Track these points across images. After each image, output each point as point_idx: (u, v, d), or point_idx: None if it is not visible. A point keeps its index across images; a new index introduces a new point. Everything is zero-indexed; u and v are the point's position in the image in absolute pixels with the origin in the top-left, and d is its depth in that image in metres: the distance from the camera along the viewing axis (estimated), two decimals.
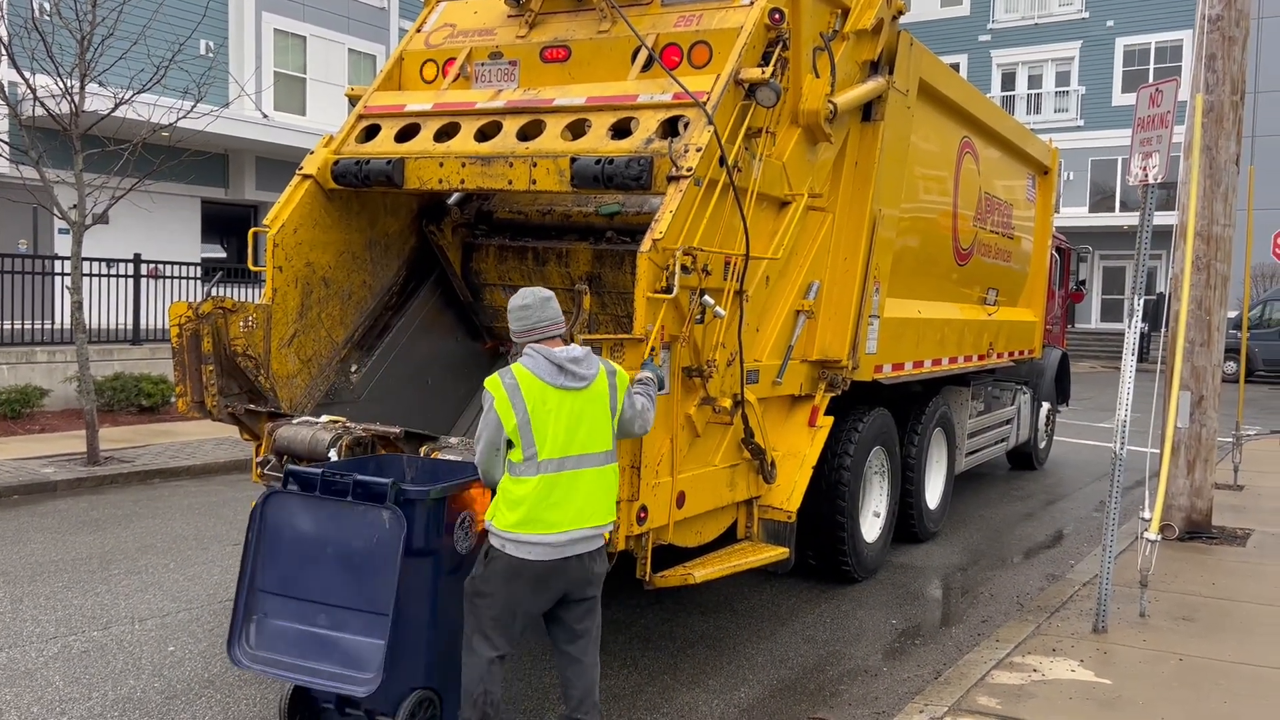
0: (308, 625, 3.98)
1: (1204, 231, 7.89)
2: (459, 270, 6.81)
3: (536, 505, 3.79)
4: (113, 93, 10.06)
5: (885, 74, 6.52)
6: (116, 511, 8.38)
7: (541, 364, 3.87)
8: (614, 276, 6.28)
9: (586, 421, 3.90)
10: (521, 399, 3.81)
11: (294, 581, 4.02)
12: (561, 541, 3.83)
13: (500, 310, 6.91)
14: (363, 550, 3.96)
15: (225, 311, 5.55)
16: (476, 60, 6.18)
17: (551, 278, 6.51)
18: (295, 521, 4.06)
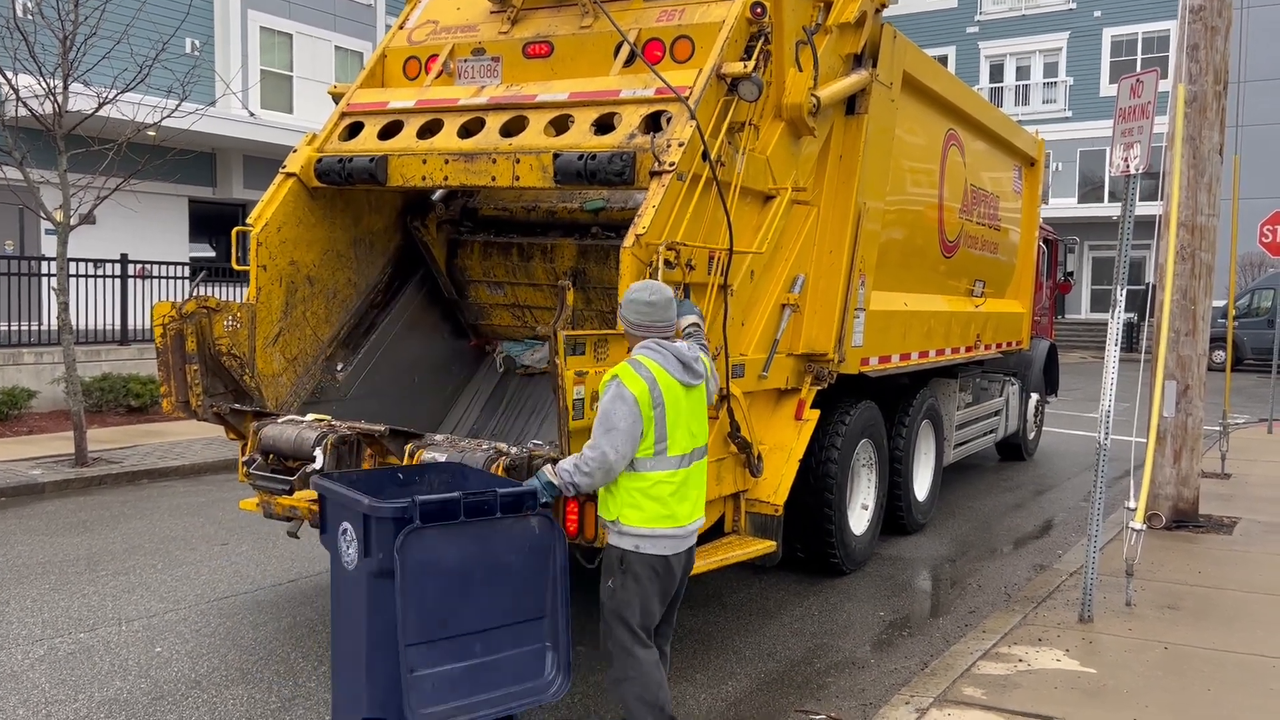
0: (466, 660, 3.67)
1: (1188, 221, 7.92)
2: (443, 267, 6.80)
3: (670, 500, 3.88)
4: (96, 92, 10.01)
5: (869, 67, 6.52)
6: (104, 513, 8.36)
7: (671, 360, 3.94)
8: (599, 271, 6.28)
9: (699, 416, 4.06)
10: (660, 393, 3.86)
11: (444, 622, 3.63)
12: (685, 534, 3.97)
13: (484, 307, 6.92)
14: (515, 563, 3.78)
15: (209, 311, 5.54)
16: (459, 57, 6.16)
17: (535, 273, 6.51)
18: (439, 558, 3.62)
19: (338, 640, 3.97)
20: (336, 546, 3.85)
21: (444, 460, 4.73)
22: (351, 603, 3.80)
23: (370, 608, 3.65)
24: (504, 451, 4.71)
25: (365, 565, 3.67)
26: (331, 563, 3.95)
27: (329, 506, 3.98)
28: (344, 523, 3.79)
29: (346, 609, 3.86)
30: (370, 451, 5.14)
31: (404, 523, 3.54)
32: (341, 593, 3.89)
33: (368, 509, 3.63)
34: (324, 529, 4.05)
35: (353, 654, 3.80)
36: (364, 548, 3.68)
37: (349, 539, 3.77)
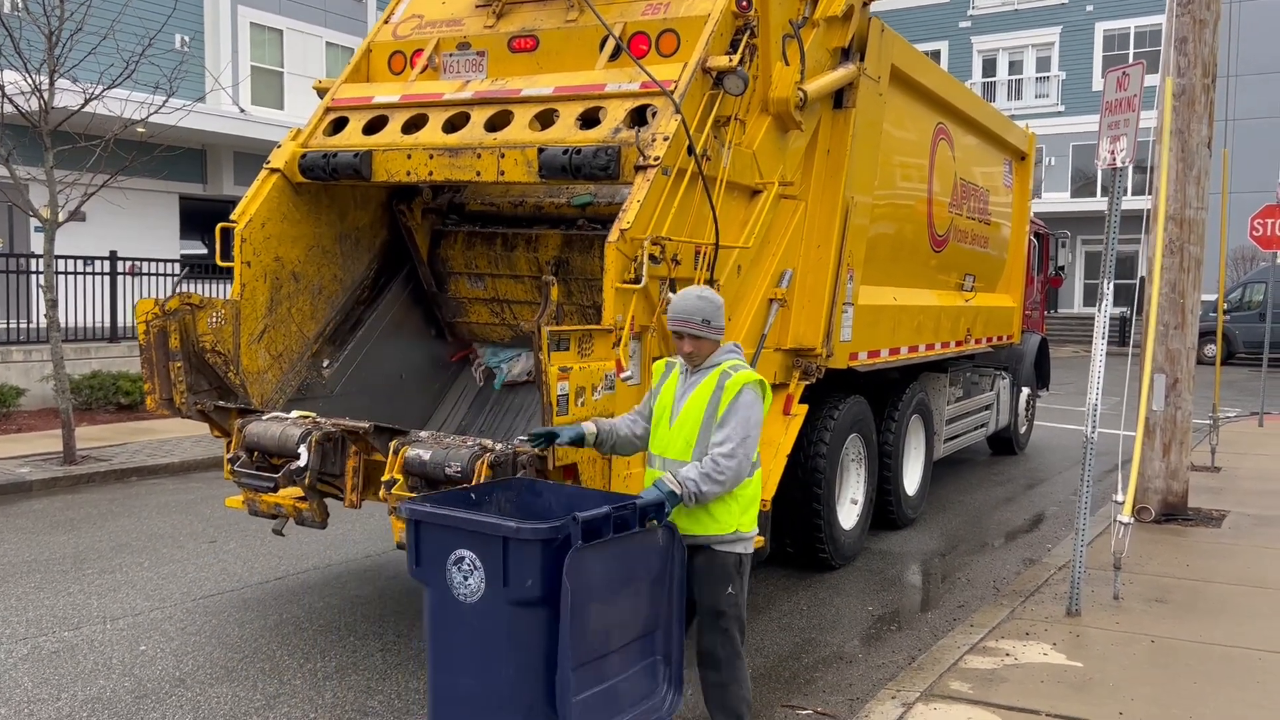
0: (605, 682, 3.53)
1: (1176, 215, 7.91)
2: (425, 256, 6.74)
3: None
4: (82, 88, 9.95)
5: (856, 61, 6.50)
6: (92, 511, 8.32)
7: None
8: (582, 261, 6.25)
9: None
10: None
11: (592, 645, 3.46)
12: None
13: (462, 302, 6.81)
14: (644, 576, 3.67)
15: (192, 308, 5.51)
16: (444, 51, 6.13)
17: (518, 264, 6.47)
18: (590, 578, 3.43)
19: (446, 677, 3.55)
20: (444, 578, 3.49)
21: (428, 456, 4.72)
22: (476, 638, 3.46)
23: (512, 642, 3.39)
24: (489, 448, 4.68)
25: (501, 595, 3.38)
26: (431, 596, 3.54)
27: (432, 533, 3.55)
28: (459, 550, 3.45)
29: (464, 645, 3.49)
30: (355, 449, 5.11)
31: (553, 545, 3.33)
32: (453, 628, 3.51)
33: (512, 532, 3.35)
34: (419, 559, 3.58)
35: (481, 694, 3.46)
36: (503, 575, 3.36)
37: (467, 568, 3.44)
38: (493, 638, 3.43)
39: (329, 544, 7.19)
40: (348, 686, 4.78)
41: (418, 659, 5.13)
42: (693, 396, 3.92)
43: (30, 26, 9.92)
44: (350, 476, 5.13)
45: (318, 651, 5.19)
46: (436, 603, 3.55)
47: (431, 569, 3.54)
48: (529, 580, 3.34)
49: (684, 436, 3.89)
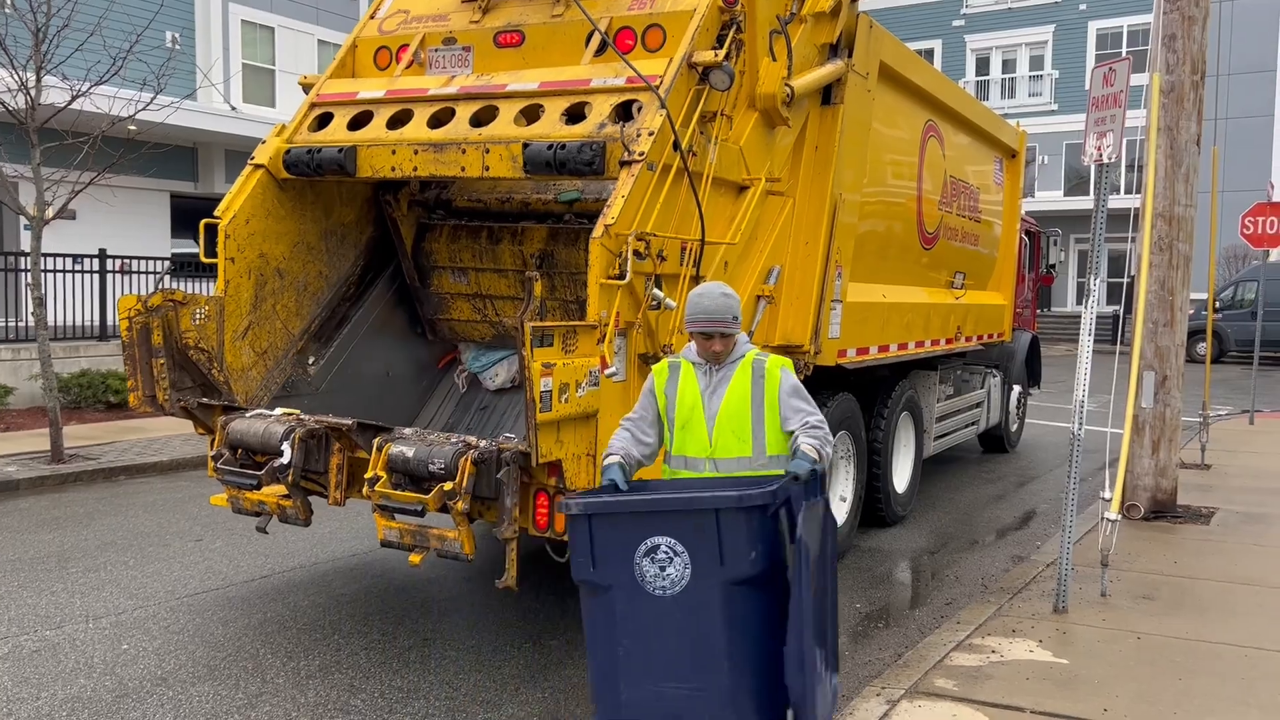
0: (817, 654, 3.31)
1: (1165, 212, 7.91)
2: (410, 249, 6.70)
3: None
4: (70, 85, 9.90)
5: (844, 57, 6.49)
6: (79, 510, 8.28)
7: None
8: (567, 254, 6.22)
9: None
10: None
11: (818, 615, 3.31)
12: None
13: (445, 298, 6.74)
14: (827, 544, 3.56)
15: (176, 304, 5.48)
16: (430, 46, 6.10)
17: (503, 257, 6.44)
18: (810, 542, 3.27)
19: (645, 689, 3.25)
20: (632, 573, 3.22)
21: (412, 453, 4.69)
22: (683, 633, 3.20)
23: (730, 628, 3.16)
24: (473, 445, 4.66)
25: (715, 577, 3.14)
26: (612, 598, 3.25)
27: (613, 525, 3.27)
28: (653, 538, 3.20)
29: (668, 645, 3.21)
30: (338, 446, 5.08)
31: (768, 512, 3.15)
32: (651, 628, 3.23)
33: (733, 502, 3.14)
34: (595, 559, 3.28)
35: (695, 696, 3.19)
36: (719, 554, 3.14)
37: (664, 556, 3.20)
38: (706, 628, 3.18)
39: (315, 542, 7.16)
40: (331, 685, 4.75)
41: (402, 657, 5.11)
42: (731, 391, 3.77)
43: (17, 22, 9.86)
44: (334, 474, 5.11)
45: (301, 650, 5.16)
46: (622, 604, 3.23)
47: (613, 566, 3.24)
48: (752, 553, 3.14)
49: (734, 432, 3.74)
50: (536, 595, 6.04)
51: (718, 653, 3.17)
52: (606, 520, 3.30)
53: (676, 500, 3.29)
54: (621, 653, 3.26)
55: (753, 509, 3.17)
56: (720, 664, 3.17)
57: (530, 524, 4.79)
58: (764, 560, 3.18)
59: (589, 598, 3.36)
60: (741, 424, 3.76)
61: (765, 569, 3.20)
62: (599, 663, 3.35)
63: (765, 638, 3.20)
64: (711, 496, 3.26)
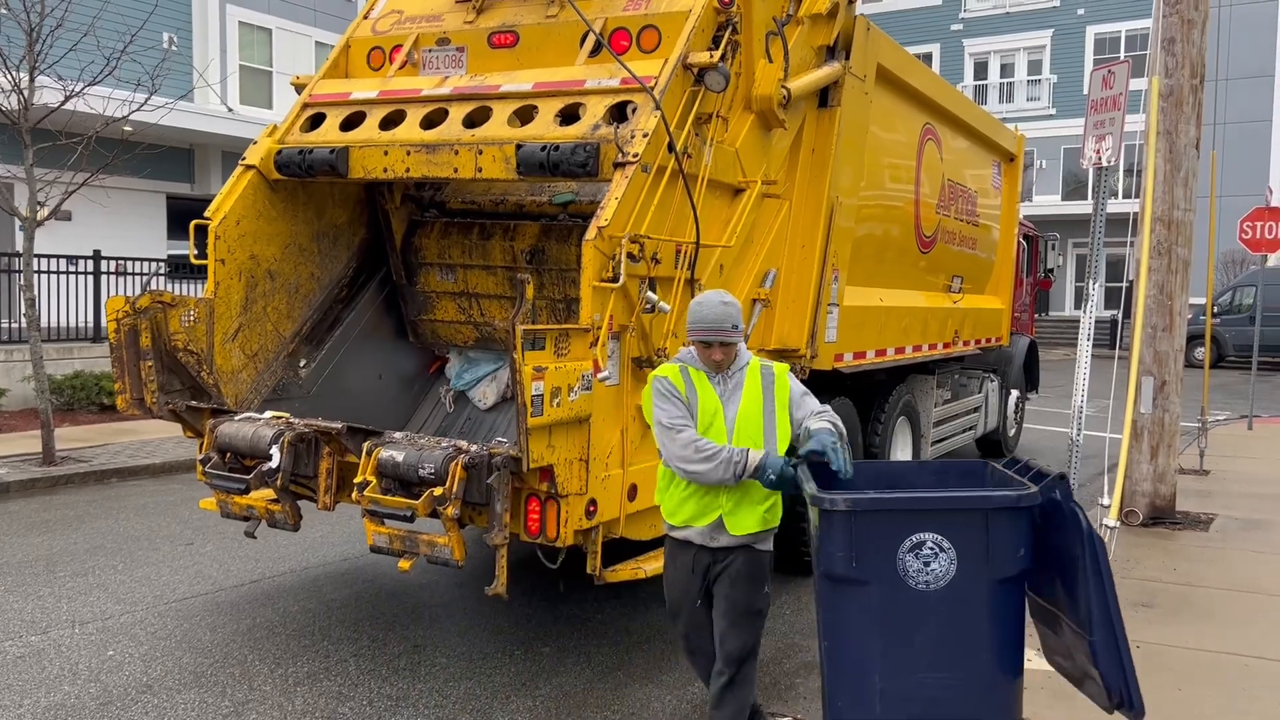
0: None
1: (1164, 216, 7.86)
2: (399, 244, 6.62)
3: None
4: (64, 86, 9.84)
5: (841, 59, 6.44)
6: (69, 513, 8.21)
7: None
8: (559, 251, 6.15)
9: None
10: None
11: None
12: None
13: (431, 298, 6.65)
14: None
15: (164, 306, 5.42)
16: (424, 47, 6.05)
17: (493, 253, 6.37)
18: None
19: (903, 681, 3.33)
20: (895, 569, 3.30)
21: (402, 457, 4.63)
22: (946, 627, 3.29)
23: (993, 622, 3.31)
24: (464, 449, 4.60)
25: (982, 573, 3.23)
26: (873, 594, 3.30)
27: (877, 521, 3.33)
28: (918, 534, 3.28)
29: (929, 639, 3.31)
30: (328, 450, 5.02)
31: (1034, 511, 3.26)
32: (913, 622, 3.31)
33: (1010, 501, 3.24)
34: (858, 555, 3.31)
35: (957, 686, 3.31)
36: (985, 550, 3.23)
37: (929, 552, 3.28)
38: (969, 622, 3.31)
39: (307, 546, 7.09)
40: (319, 693, 4.69)
41: (391, 664, 5.04)
42: (745, 399, 3.84)
43: (10, 22, 9.80)
44: (323, 478, 5.05)
45: (289, 657, 5.10)
46: (884, 599, 3.31)
47: (874, 562, 3.31)
48: (1020, 551, 3.27)
49: (750, 437, 3.80)
50: (529, 601, 5.98)
51: (980, 645, 3.31)
52: (871, 517, 3.35)
53: (947, 499, 3.41)
54: (880, 645, 3.35)
55: (1022, 509, 3.28)
56: (982, 655, 3.31)
57: (522, 530, 4.72)
58: (1027, 558, 3.30)
59: (836, 592, 3.39)
60: (756, 428, 3.83)
61: (1027, 567, 3.35)
62: (847, 655, 3.41)
63: (1017, 631, 3.36)
64: (984, 496, 3.38)
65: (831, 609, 3.42)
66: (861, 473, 3.88)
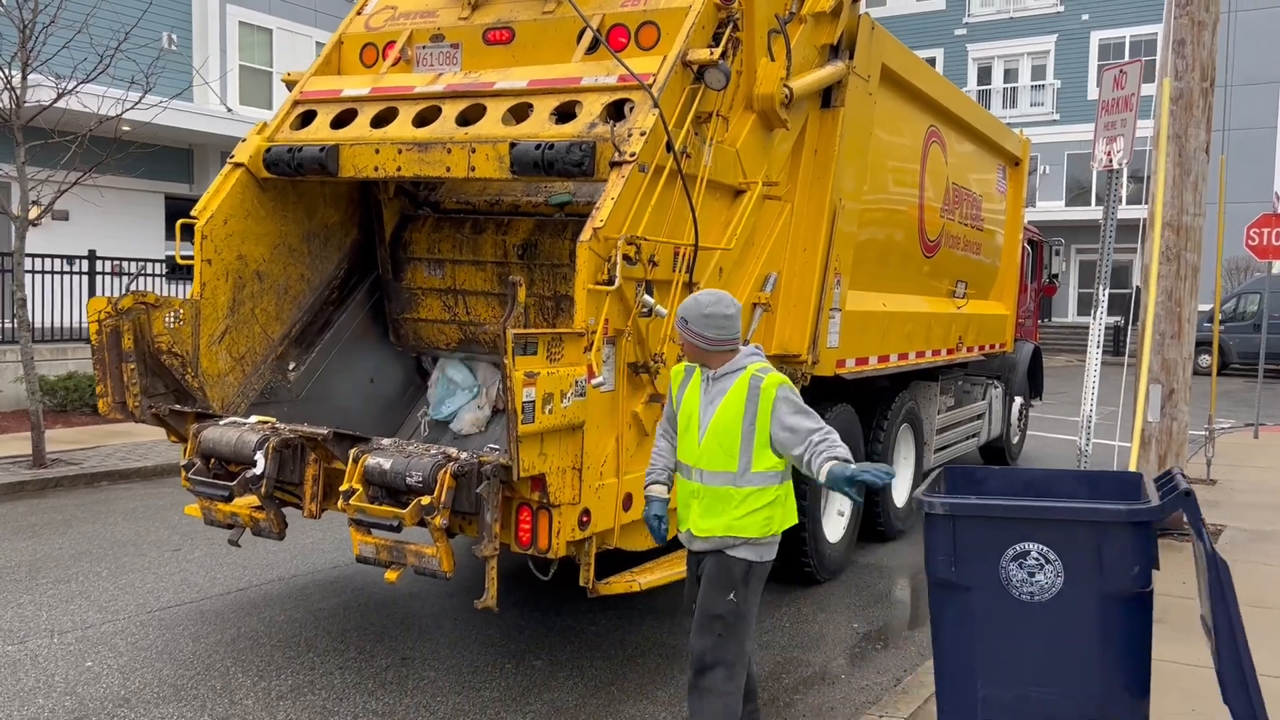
0: None
1: (1173, 221, 7.71)
2: (388, 237, 6.45)
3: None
4: (57, 83, 9.71)
5: (845, 59, 6.30)
6: (56, 516, 8.06)
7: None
8: (551, 245, 6.00)
9: None
10: None
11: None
12: None
13: (416, 295, 6.44)
14: None
15: (148, 307, 5.28)
16: (417, 43, 5.91)
17: (484, 248, 6.21)
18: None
19: (1002, 690, 3.31)
20: (996, 576, 3.26)
21: (389, 465, 4.49)
22: (1050, 640, 3.23)
23: (1104, 640, 3.20)
24: (453, 457, 4.46)
25: (1092, 588, 3.16)
26: (974, 600, 3.26)
27: (979, 528, 3.27)
28: (1022, 544, 3.22)
29: (1031, 650, 3.26)
30: (314, 456, 4.87)
31: (1149, 526, 3.14)
32: (1013, 632, 3.26)
33: (1122, 515, 3.13)
34: (958, 559, 3.29)
35: (1060, 702, 3.25)
36: (1098, 564, 3.15)
37: (1034, 562, 3.22)
38: (1077, 637, 3.22)
39: (296, 553, 6.95)
40: (302, 707, 4.54)
41: (378, 677, 4.89)
42: (723, 405, 3.73)
43: (3, 19, 9.67)
44: (309, 485, 4.90)
45: (273, 669, 4.95)
46: (985, 605, 3.28)
47: (975, 568, 3.27)
48: (1135, 568, 3.13)
49: (723, 448, 3.72)
50: (521, 612, 5.83)
51: (1089, 662, 3.19)
52: (973, 522, 3.30)
53: (1054, 509, 3.26)
54: (980, 653, 3.29)
55: (1139, 524, 3.15)
56: (1092, 673, 3.20)
57: (513, 540, 4.57)
58: (1143, 576, 3.17)
59: (942, 596, 3.37)
60: (731, 442, 3.71)
61: (1143, 584, 3.21)
62: (951, 661, 3.38)
63: (1137, 649, 3.24)
64: (1095, 508, 3.23)
65: (937, 611, 3.41)
66: (1009, 479, 3.82)
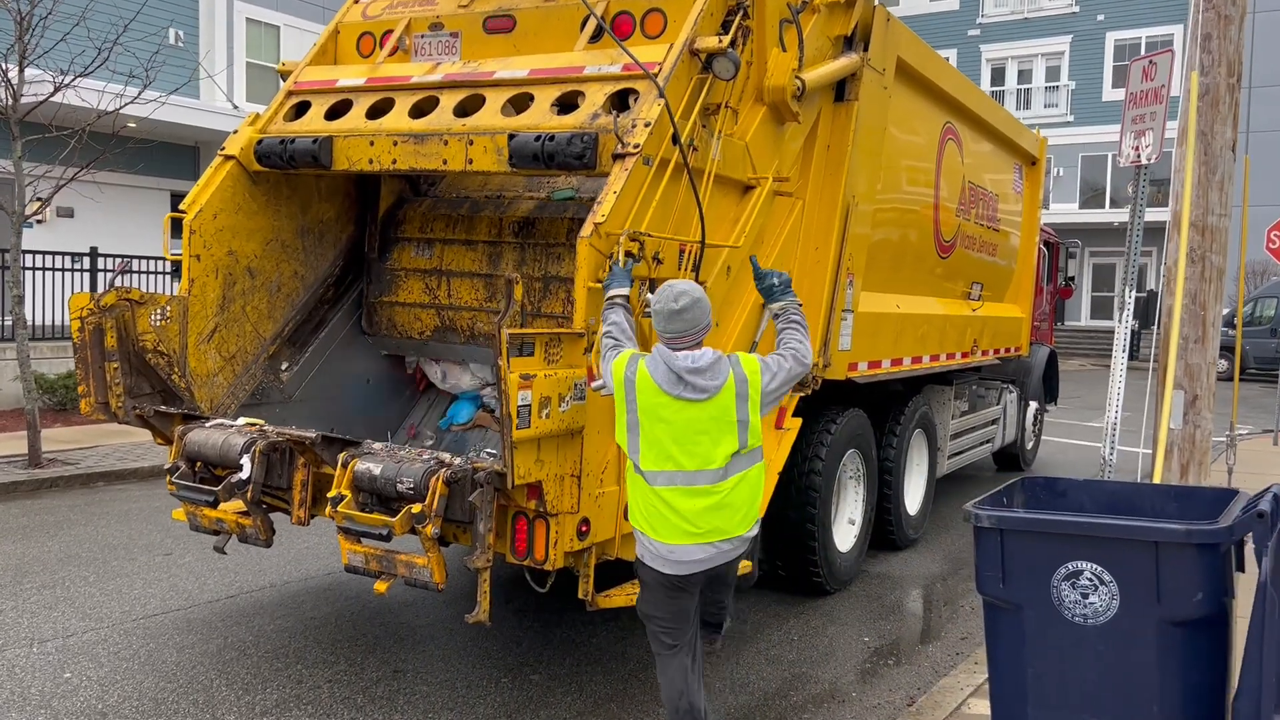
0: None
1: (1199, 222, 7.43)
2: (381, 214, 6.22)
3: (651, 513, 3.73)
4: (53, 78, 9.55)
5: (860, 51, 6.07)
6: (49, 518, 7.88)
7: (660, 367, 3.71)
8: (549, 225, 5.78)
9: (697, 436, 3.66)
10: (634, 394, 3.70)
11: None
12: (671, 556, 3.70)
13: (399, 275, 6.15)
14: None
15: (132, 304, 5.08)
16: (416, 32, 5.71)
17: (479, 227, 5.97)
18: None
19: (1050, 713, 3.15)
20: (1048, 595, 3.09)
21: (379, 470, 4.28)
22: (1104, 665, 3.05)
23: (1163, 671, 2.98)
24: (447, 463, 4.25)
25: (1150, 614, 2.95)
26: (1025, 619, 3.12)
27: (1030, 544, 3.12)
28: (1074, 563, 3.06)
29: (1083, 675, 3.08)
30: (303, 460, 4.67)
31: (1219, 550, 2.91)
32: (1065, 655, 3.10)
33: (1180, 536, 2.89)
34: (1006, 576, 3.13)
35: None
36: (1156, 589, 2.94)
37: (1087, 583, 3.05)
38: (1134, 664, 3.02)
39: (290, 559, 6.75)
40: None
41: (368, 692, 4.68)
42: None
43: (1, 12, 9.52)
44: (298, 490, 4.70)
45: (259, 682, 4.74)
46: (1035, 626, 3.12)
47: (1026, 586, 3.12)
48: (1197, 595, 2.91)
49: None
50: (520, 622, 5.62)
51: (1147, 692, 3.01)
52: (1021, 538, 3.15)
53: (1106, 526, 3.06)
54: (1030, 675, 3.15)
55: (1200, 546, 2.92)
56: (1149, 705, 3.01)
57: (509, 550, 4.36)
58: (1210, 602, 2.94)
59: (993, 613, 3.25)
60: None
61: (1212, 611, 2.97)
62: (1002, 682, 3.25)
63: (1203, 681, 3.02)
64: (1150, 527, 3.02)
65: (989, 628, 3.26)
66: (1091, 493, 3.65)
